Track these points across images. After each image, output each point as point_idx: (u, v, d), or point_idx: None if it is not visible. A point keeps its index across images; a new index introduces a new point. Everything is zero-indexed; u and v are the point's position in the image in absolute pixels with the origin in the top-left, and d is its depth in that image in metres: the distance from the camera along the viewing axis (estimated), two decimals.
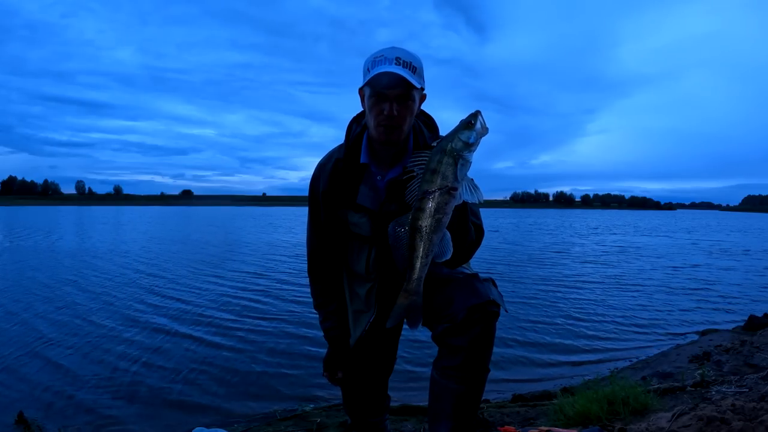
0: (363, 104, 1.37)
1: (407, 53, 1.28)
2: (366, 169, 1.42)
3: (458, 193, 1.01)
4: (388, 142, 1.34)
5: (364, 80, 1.29)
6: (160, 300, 5.99)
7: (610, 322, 5.16)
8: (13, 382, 3.23)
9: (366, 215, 1.42)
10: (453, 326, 1.33)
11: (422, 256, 1.04)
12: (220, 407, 2.91)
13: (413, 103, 1.31)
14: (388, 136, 1.32)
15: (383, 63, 1.25)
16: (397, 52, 1.27)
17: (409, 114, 1.31)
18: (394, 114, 1.27)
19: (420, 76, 1.30)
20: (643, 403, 2.02)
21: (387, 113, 1.27)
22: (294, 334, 4.47)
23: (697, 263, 11.15)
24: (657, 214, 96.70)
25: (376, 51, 1.30)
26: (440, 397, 1.39)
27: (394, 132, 1.31)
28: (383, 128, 1.30)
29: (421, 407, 2.33)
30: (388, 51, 1.28)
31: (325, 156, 1.50)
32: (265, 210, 74.84)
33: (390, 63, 1.25)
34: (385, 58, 1.26)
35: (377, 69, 1.25)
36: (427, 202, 1.00)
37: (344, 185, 1.44)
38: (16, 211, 51.33)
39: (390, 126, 1.29)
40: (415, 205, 1.04)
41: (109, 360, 3.70)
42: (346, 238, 1.51)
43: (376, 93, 1.27)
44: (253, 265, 9.60)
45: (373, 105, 1.30)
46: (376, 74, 1.24)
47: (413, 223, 1.04)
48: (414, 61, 1.28)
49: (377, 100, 1.29)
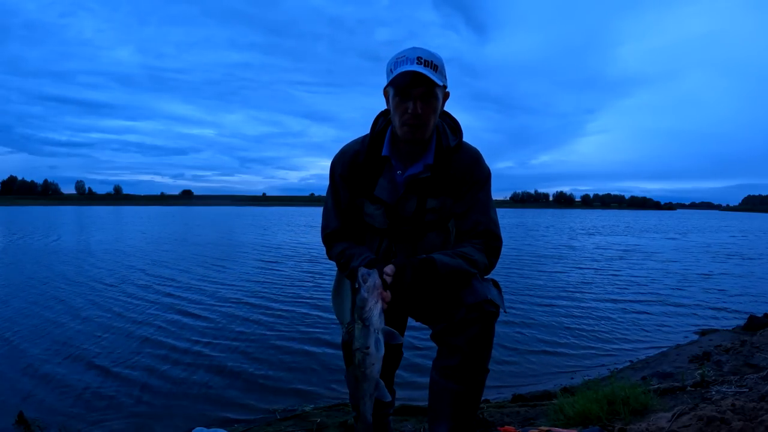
0: (388, 104, 1.40)
1: (428, 52, 1.30)
2: (387, 162, 1.44)
3: (370, 351, 1.12)
4: (413, 140, 1.36)
5: (388, 80, 1.32)
6: (159, 300, 5.99)
7: (610, 322, 5.16)
8: (13, 382, 3.23)
9: (381, 207, 1.44)
10: (451, 325, 1.33)
11: (363, 398, 1.18)
12: (220, 407, 2.91)
13: (436, 101, 1.33)
14: (414, 135, 1.34)
15: (405, 63, 1.28)
16: (419, 52, 1.29)
17: (432, 112, 1.34)
18: (419, 112, 1.30)
19: (442, 74, 1.32)
20: (643, 403, 2.02)
21: (411, 111, 1.30)
22: (294, 334, 4.47)
23: (697, 263, 11.16)
24: (657, 214, 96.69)
25: (398, 52, 1.33)
26: (439, 397, 1.40)
27: (418, 130, 1.33)
28: (408, 127, 1.33)
29: (421, 407, 2.33)
30: (409, 51, 1.30)
31: (349, 144, 1.52)
32: (266, 210, 74.86)
33: (412, 62, 1.27)
34: (407, 58, 1.28)
35: (400, 69, 1.28)
36: (354, 359, 1.15)
37: (364, 176, 1.46)
38: (17, 211, 51.33)
39: (415, 124, 1.32)
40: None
41: (109, 360, 3.69)
42: (362, 227, 1.53)
43: (400, 92, 1.30)
44: (253, 265, 9.60)
45: (398, 104, 1.32)
46: (399, 74, 1.27)
47: (353, 371, 1.17)
48: (435, 59, 1.30)
49: (401, 100, 1.31)
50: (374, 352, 1.12)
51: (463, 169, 1.42)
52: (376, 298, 1.11)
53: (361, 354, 1.12)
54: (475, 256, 1.35)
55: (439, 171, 1.41)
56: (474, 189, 1.42)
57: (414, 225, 1.45)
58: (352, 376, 1.17)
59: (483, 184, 1.44)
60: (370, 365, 1.13)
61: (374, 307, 1.11)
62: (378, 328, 1.12)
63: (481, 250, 1.38)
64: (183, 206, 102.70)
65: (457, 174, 1.42)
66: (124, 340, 4.24)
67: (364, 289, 1.11)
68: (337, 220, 1.51)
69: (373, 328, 1.11)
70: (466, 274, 1.33)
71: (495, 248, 1.42)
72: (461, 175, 1.42)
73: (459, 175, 1.42)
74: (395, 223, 1.45)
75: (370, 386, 1.15)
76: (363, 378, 1.14)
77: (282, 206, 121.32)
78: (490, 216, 1.43)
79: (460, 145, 1.45)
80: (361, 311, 1.11)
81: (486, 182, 1.45)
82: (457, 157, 1.43)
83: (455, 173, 1.42)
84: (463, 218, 1.43)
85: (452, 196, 1.43)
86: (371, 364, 1.13)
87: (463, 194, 1.42)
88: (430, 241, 1.47)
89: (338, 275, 1.60)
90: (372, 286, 1.11)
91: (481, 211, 1.42)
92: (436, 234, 1.48)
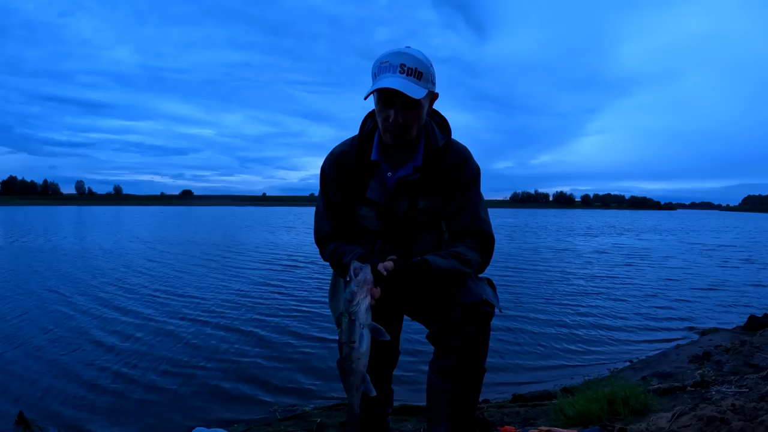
0: (375, 104, 1.38)
1: (413, 58, 1.26)
2: (376, 165, 1.44)
3: (354, 345, 1.13)
4: (396, 146, 1.36)
5: (372, 86, 1.29)
6: (159, 300, 5.99)
7: (610, 322, 5.16)
8: (13, 383, 3.23)
9: (374, 209, 1.45)
10: (446, 326, 1.33)
11: (350, 389, 1.20)
12: (220, 407, 2.91)
13: (420, 109, 1.31)
14: (396, 142, 1.34)
15: (388, 70, 1.25)
16: (403, 58, 1.26)
17: (415, 119, 1.32)
18: (399, 122, 1.29)
19: (427, 80, 1.29)
20: (643, 403, 2.02)
21: (392, 121, 1.29)
22: (294, 334, 4.47)
23: (697, 263, 11.15)
24: (657, 214, 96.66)
25: (383, 54, 1.30)
26: (437, 397, 1.40)
27: (401, 138, 1.33)
28: (390, 134, 1.33)
29: (421, 407, 2.33)
30: (393, 56, 1.27)
31: (338, 146, 1.52)
32: (266, 210, 74.84)
33: (394, 70, 1.25)
34: (390, 64, 1.26)
35: (382, 77, 1.26)
36: (341, 352, 1.18)
37: (355, 179, 1.46)
38: (18, 211, 51.33)
39: (396, 133, 1.31)
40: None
41: (109, 360, 3.69)
42: (355, 229, 1.53)
43: (382, 99, 1.29)
44: (253, 264, 9.60)
45: (380, 111, 1.32)
46: (380, 84, 1.25)
47: (341, 364, 1.19)
48: (420, 66, 1.26)
49: (383, 106, 1.30)
50: (358, 346, 1.13)
51: (452, 169, 1.42)
52: (365, 293, 1.12)
53: (347, 348, 1.14)
54: (468, 255, 1.35)
55: (428, 172, 1.41)
56: (464, 189, 1.42)
57: (407, 226, 1.45)
58: (340, 369, 1.19)
59: (473, 184, 1.44)
60: (356, 359, 1.14)
61: (362, 301, 1.11)
62: (364, 323, 1.12)
63: (474, 249, 1.38)
64: (183, 206, 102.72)
65: (446, 174, 1.42)
66: (124, 340, 4.23)
67: (354, 282, 1.11)
68: (328, 223, 1.52)
69: (359, 323, 1.12)
70: (460, 274, 1.33)
71: (488, 247, 1.42)
72: (450, 175, 1.42)
73: (448, 175, 1.42)
74: (388, 224, 1.45)
75: (357, 379, 1.17)
76: (350, 371, 1.16)
77: (282, 206, 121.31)
78: (481, 215, 1.43)
79: (449, 145, 1.44)
80: (349, 305, 1.12)
81: (475, 181, 1.45)
82: (446, 156, 1.43)
83: (444, 173, 1.42)
84: (455, 218, 1.43)
85: (442, 196, 1.43)
86: (357, 358, 1.14)
87: (453, 194, 1.42)
88: (423, 242, 1.47)
89: (334, 275, 1.60)
90: (362, 280, 1.11)
91: (472, 211, 1.42)
92: (429, 234, 1.48)
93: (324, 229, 1.53)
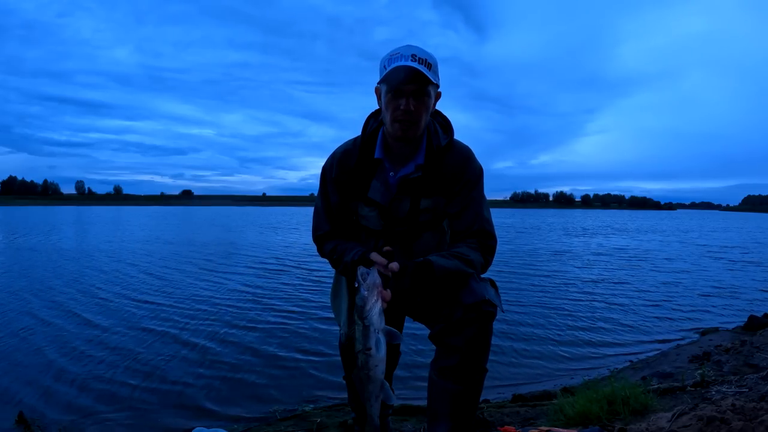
0: (379, 102, 1.39)
1: (422, 51, 1.30)
2: (379, 165, 1.44)
3: (371, 352, 1.10)
4: (404, 138, 1.35)
5: (381, 77, 1.31)
6: (160, 300, 5.99)
7: (610, 322, 5.15)
8: (13, 383, 3.23)
9: (375, 209, 1.44)
10: (449, 326, 1.33)
11: (369, 399, 1.17)
12: (220, 407, 2.90)
13: (429, 99, 1.33)
14: (405, 132, 1.34)
15: (400, 59, 1.28)
16: (413, 50, 1.29)
17: (424, 110, 1.33)
18: (411, 109, 1.30)
19: (435, 72, 1.32)
20: (643, 403, 2.02)
21: (404, 108, 1.30)
22: (295, 333, 4.46)
23: (696, 263, 11.15)
24: (657, 214, 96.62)
25: (392, 49, 1.32)
26: (438, 397, 1.40)
27: (410, 128, 1.33)
28: (399, 124, 1.32)
29: (421, 407, 2.33)
30: (404, 49, 1.30)
31: (341, 146, 1.52)
32: (267, 210, 74.82)
33: (406, 59, 1.27)
34: (401, 55, 1.28)
35: (394, 65, 1.27)
36: (357, 361, 1.15)
37: (357, 178, 1.46)
38: (18, 211, 51.32)
39: (406, 121, 1.32)
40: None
41: (109, 360, 3.69)
42: (356, 229, 1.53)
43: (393, 89, 1.30)
44: (253, 264, 9.60)
45: (390, 101, 1.32)
46: (393, 69, 1.27)
47: (357, 373, 1.16)
48: (429, 58, 1.30)
49: (394, 96, 1.31)
50: (375, 353, 1.10)
51: (455, 168, 1.42)
52: (376, 297, 1.09)
53: (363, 356, 1.11)
54: (471, 255, 1.35)
55: (430, 171, 1.41)
56: (467, 188, 1.42)
57: (409, 226, 1.45)
58: (357, 379, 1.15)
59: (475, 183, 1.44)
60: (374, 366, 1.11)
61: (374, 306, 1.09)
62: (378, 327, 1.10)
63: (476, 249, 1.38)
64: (183, 206, 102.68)
65: (448, 173, 1.42)
66: (123, 339, 4.23)
67: (363, 287, 1.09)
68: (327, 223, 1.52)
69: (373, 328, 1.09)
70: (463, 274, 1.33)
71: (490, 247, 1.42)
72: (453, 175, 1.42)
73: (450, 175, 1.42)
74: (390, 224, 1.45)
75: (376, 387, 1.14)
76: (368, 380, 1.13)
77: (282, 206, 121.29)
78: (483, 215, 1.43)
79: (451, 144, 1.44)
80: (362, 310, 1.09)
81: (478, 181, 1.45)
82: (449, 155, 1.43)
83: (447, 172, 1.42)
84: (457, 218, 1.43)
85: (445, 195, 1.43)
86: (374, 366, 1.11)
87: (455, 194, 1.42)
88: (425, 242, 1.47)
89: (336, 276, 1.60)
90: (372, 284, 1.09)
91: (474, 211, 1.41)
92: (431, 234, 1.47)
93: (323, 228, 1.53)
